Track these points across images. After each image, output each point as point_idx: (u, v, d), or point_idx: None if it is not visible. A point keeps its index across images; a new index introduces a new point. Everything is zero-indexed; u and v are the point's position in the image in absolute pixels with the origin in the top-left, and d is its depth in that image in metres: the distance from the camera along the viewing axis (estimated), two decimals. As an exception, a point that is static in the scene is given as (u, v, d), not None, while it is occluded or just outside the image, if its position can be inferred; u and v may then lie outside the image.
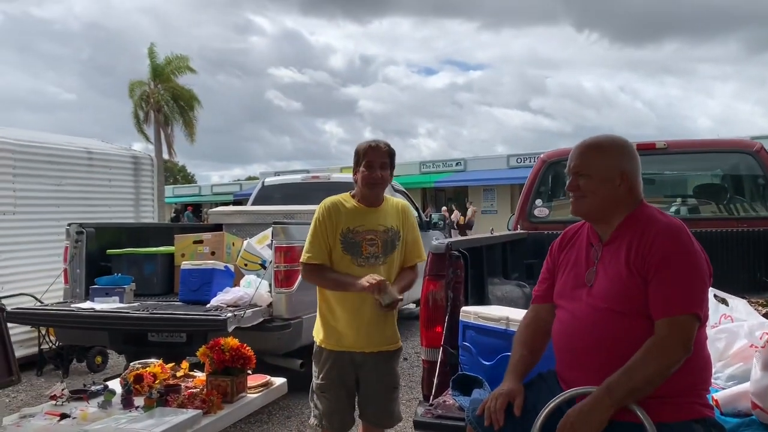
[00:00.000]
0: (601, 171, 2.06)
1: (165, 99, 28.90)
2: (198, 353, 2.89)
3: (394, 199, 3.23)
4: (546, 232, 4.95)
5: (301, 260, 3.03)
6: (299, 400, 5.26)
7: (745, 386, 2.17)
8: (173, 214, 36.86)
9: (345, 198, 3.11)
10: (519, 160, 30.53)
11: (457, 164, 33.66)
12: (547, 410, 1.94)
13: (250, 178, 48.20)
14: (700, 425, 1.87)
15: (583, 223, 2.20)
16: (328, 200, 3.10)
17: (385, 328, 2.98)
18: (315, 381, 3.05)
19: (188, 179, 65.74)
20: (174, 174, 64.02)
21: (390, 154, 3.07)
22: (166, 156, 30.21)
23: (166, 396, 2.69)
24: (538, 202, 5.30)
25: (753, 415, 2.08)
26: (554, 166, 5.54)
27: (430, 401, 2.55)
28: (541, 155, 5.53)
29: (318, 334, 3.03)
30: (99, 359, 6.64)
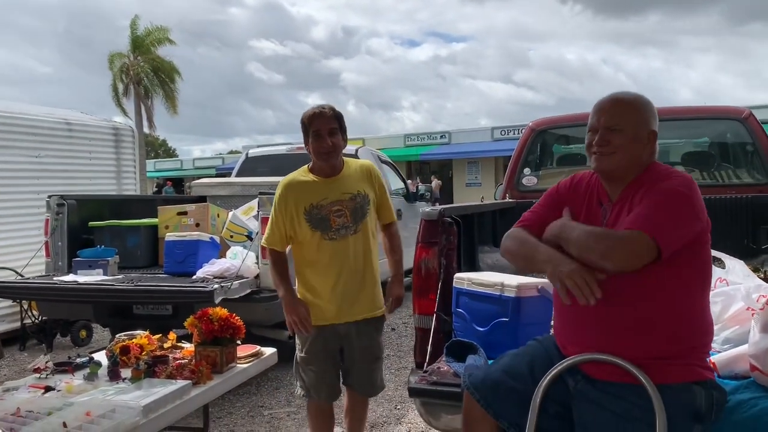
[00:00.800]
0: (634, 127, 2.00)
1: (145, 71, 28.37)
2: (186, 323, 2.82)
3: (356, 162, 3.13)
4: (534, 200, 4.90)
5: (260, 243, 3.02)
6: (287, 371, 5.17)
7: (743, 349, 2.15)
8: (155, 189, 36.49)
9: (302, 173, 3.01)
10: (503, 133, 30.47)
11: (441, 137, 33.53)
12: (551, 375, 1.91)
13: (232, 152, 47.75)
14: (700, 387, 1.85)
15: (593, 176, 2.14)
16: (285, 179, 3.02)
17: (365, 295, 2.95)
18: (299, 354, 3.02)
19: (170, 153, 65.00)
20: (155, 148, 63.22)
21: (337, 117, 2.95)
22: (146, 129, 29.77)
23: (153, 367, 2.63)
24: (527, 170, 5.27)
25: (751, 377, 2.06)
26: (543, 134, 5.50)
27: (424, 368, 2.51)
28: (529, 123, 5.47)
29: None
30: (84, 333, 6.55)
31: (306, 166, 3.05)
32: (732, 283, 2.51)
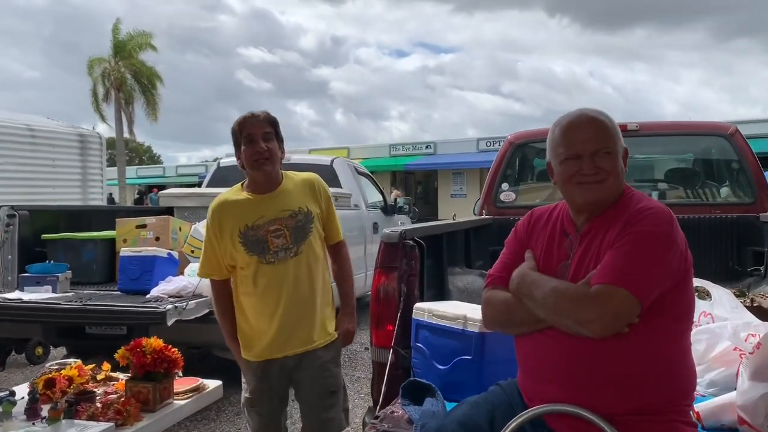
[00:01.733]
0: (618, 148, 1.77)
1: (126, 76, 27.98)
2: (116, 355, 2.55)
3: (298, 175, 2.79)
4: (512, 217, 4.70)
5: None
6: (250, 395, 4.95)
7: (730, 397, 1.92)
8: (136, 196, 36.05)
9: (234, 191, 2.69)
10: (489, 144, 30.36)
11: (426, 147, 33.38)
12: (510, 428, 1.66)
13: (216, 160, 47.33)
14: (681, 447, 1.61)
15: (554, 207, 1.90)
16: (215, 201, 2.70)
17: (310, 323, 2.60)
18: (243, 395, 2.70)
19: (154, 160, 64.42)
20: (139, 154, 62.65)
21: (271, 122, 2.63)
22: (127, 135, 29.36)
23: (76, 405, 2.35)
24: (505, 186, 5.05)
25: (739, 430, 1.83)
26: (522, 148, 5.29)
27: (377, 411, 2.26)
28: (508, 137, 5.26)
29: (243, 346, 2.66)
30: (40, 351, 6.20)
31: (240, 183, 2.73)
32: (718, 318, 2.28)
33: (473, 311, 2.31)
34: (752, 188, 4.48)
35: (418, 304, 2.48)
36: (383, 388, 2.37)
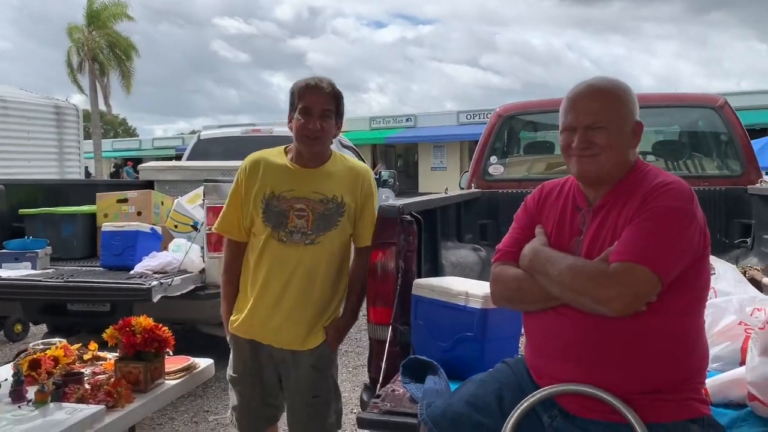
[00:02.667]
0: (619, 122, 1.69)
1: (100, 47, 27.24)
2: (105, 335, 2.45)
3: (347, 159, 2.57)
4: (501, 190, 4.66)
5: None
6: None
7: (739, 373, 1.89)
8: (113, 169, 35.45)
9: (276, 153, 2.50)
10: (469, 117, 30.27)
11: (407, 120, 33.19)
12: (521, 409, 1.62)
13: (193, 132, 46.61)
14: (696, 425, 1.58)
15: (566, 181, 1.84)
16: (252, 156, 2.51)
17: (306, 322, 2.42)
18: (228, 372, 2.58)
19: (129, 133, 63.33)
20: (114, 127, 61.51)
21: (336, 96, 2.41)
22: (103, 108, 28.72)
23: (64, 387, 2.26)
24: (493, 159, 4.99)
25: (748, 406, 1.80)
26: (510, 120, 5.22)
27: (377, 390, 2.20)
28: (497, 109, 5.18)
29: (233, 316, 2.53)
30: (19, 328, 6.08)
31: (284, 147, 2.52)
32: (721, 293, 2.26)
33: (475, 287, 2.26)
34: (741, 160, 4.48)
35: (417, 280, 2.42)
36: (383, 366, 2.31)
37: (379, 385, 2.25)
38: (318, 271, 2.41)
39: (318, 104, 2.37)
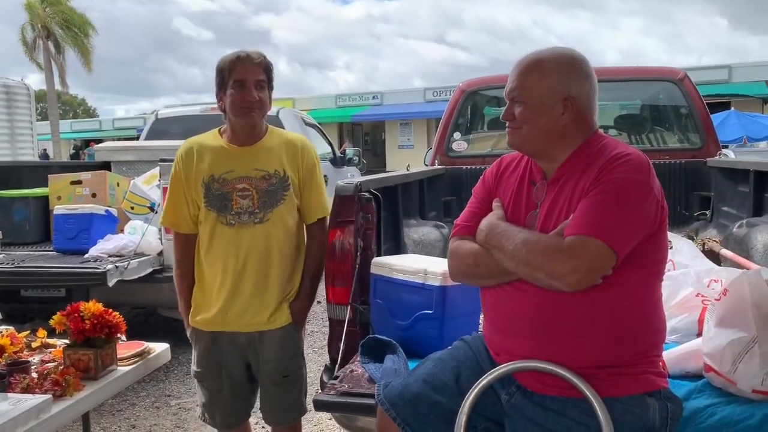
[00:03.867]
0: (539, 96, 1.65)
1: (56, 23, 26.35)
2: (52, 322, 2.36)
3: (284, 133, 2.51)
4: (464, 167, 4.63)
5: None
6: (200, 354, 4.82)
7: (695, 344, 1.90)
8: (72, 151, 34.55)
9: (211, 136, 2.42)
10: (435, 94, 30.16)
11: (373, 98, 32.95)
12: (479, 387, 1.59)
13: (155, 112, 45.68)
14: (653, 398, 1.57)
15: (523, 155, 1.80)
16: (186, 143, 2.43)
17: (266, 302, 2.35)
18: (192, 368, 2.51)
19: (90, 113, 61.72)
20: (73, 108, 59.91)
21: (267, 68, 2.33)
22: (59, 87, 27.87)
23: (8, 377, 2.17)
24: (457, 135, 4.96)
25: (704, 377, 1.81)
26: (473, 95, 5.18)
27: (336, 370, 2.16)
28: (460, 84, 5.14)
29: (192, 309, 2.45)
30: (-29, 315, 5.89)
31: (217, 129, 2.45)
32: (679, 265, 2.26)
33: (433, 264, 2.23)
34: (700, 133, 4.52)
35: (376, 259, 2.37)
36: (341, 346, 2.27)
37: (337, 365, 2.21)
38: (272, 248, 2.34)
39: (251, 75, 2.28)
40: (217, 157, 2.34)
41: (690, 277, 2.09)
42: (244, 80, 2.27)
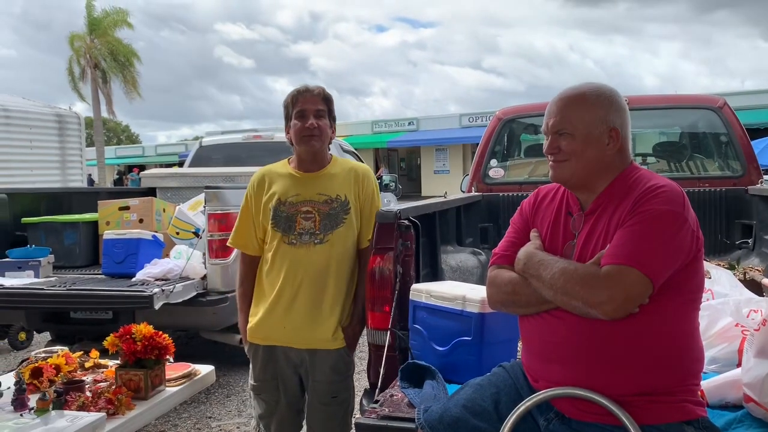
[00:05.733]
0: (586, 128, 1.70)
1: (103, 54, 27.35)
2: (105, 343, 2.47)
3: (347, 161, 2.72)
4: (501, 194, 4.67)
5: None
6: (240, 376, 4.92)
7: (735, 374, 1.89)
8: (116, 176, 35.55)
9: (280, 165, 2.64)
10: (471, 119, 30.28)
11: (409, 124, 33.21)
12: (518, 413, 1.62)
13: (196, 138, 46.66)
14: (692, 427, 1.58)
15: (560, 186, 1.85)
16: (258, 172, 2.65)
17: (320, 321, 2.48)
18: (249, 381, 2.65)
19: (132, 140, 63.47)
20: (117, 134, 61.69)
21: (326, 99, 2.55)
22: (105, 115, 28.78)
23: (65, 395, 2.28)
24: (493, 162, 5.00)
25: (744, 407, 1.81)
26: (510, 123, 5.23)
27: (376, 395, 2.21)
28: (497, 112, 5.20)
29: (249, 325, 2.59)
30: (23, 336, 6.10)
31: (287, 159, 2.66)
32: (718, 295, 2.26)
33: (472, 291, 2.27)
34: (741, 161, 4.47)
35: (415, 285, 2.43)
36: (381, 371, 2.32)
37: (378, 389, 2.26)
38: (329, 268, 2.49)
39: (311, 105, 2.50)
40: (285, 182, 2.54)
41: (729, 307, 2.09)
42: (305, 110, 2.49)
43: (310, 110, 2.49)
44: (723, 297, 2.24)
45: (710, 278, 2.38)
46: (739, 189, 4.31)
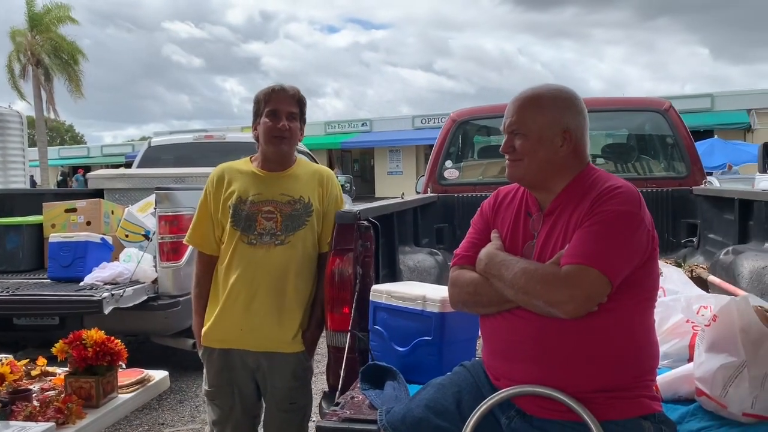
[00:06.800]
0: (540, 129, 1.73)
1: (45, 50, 26.43)
2: (54, 350, 2.37)
3: (311, 164, 2.67)
4: (456, 194, 4.71)
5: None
6: (192, 381, 4.81)
7: (687, 369, 1.95)
8: (59, 178, 34.41)
9: (242, 163, 2.58)
10: (424, 121, 30.47)
11: (362, 125, 33.21)
12: (480, 412, 1.63)
13: (144, 138, 45.49)
14: (648, 421, 1.62)
15: (519, 186, 1.88)
16: (220, 167, 2.58)
17: (280, 323, 2.44)
18: (203, 386, 2.58)
19: (77, 140, 61.58)
20: (61, 134, 59.75)
21: (299, 101, 2.51)
22: (47, 114, 27.82)
23: (11, 405, 2.18)
24: (448, 163, 5.05)
25: (696, 401, 1.86)
26: (464, 125, 5.29)
27: (337, 397, 2.19)
28: (451, 114, 5.25)
29: (204, 327, 2.52)
30: (-39, 344, 5.83)
31: (249, 156, 2.60)
32: (670, 292, 2.33)
33: (432, 291, 2.27)
34: (686, 162, 4.63)
35: (375, 286, 2.42)
36: (342, 373, 2.30)
37: (338, 392, 2.24)
38: (289, 270, 2.44)
39: (284, 106, 2.45)
40: (246, 180, 2.48)
41: (680, 304, 2.16)
42: (277, 110, 2.43)
43: (283, 111, 2.44)
44: (674, 294, 2.31)
45: (662, 276, 2.43)
46: (684, 189, 4.46)
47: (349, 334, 2.37)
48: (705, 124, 22.06)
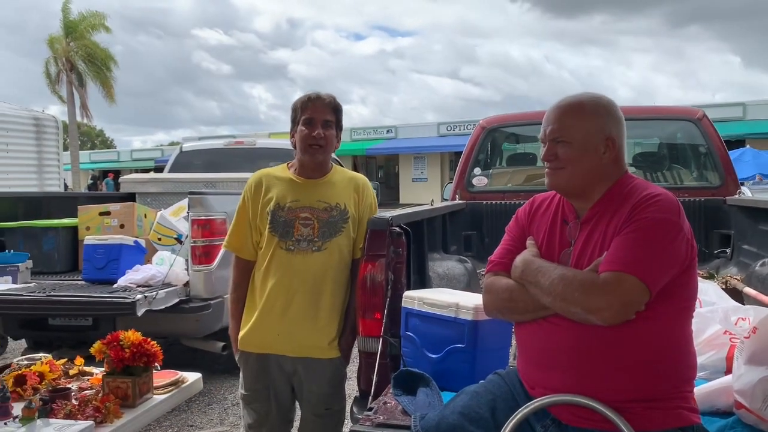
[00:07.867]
0: (583, 137, 1.72)
1: (80, 57, 27.00)
2: (92, 350, 2.42)
3: (347, 171, 2.70)
4: (484, 202, 4.70)
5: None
6: (221, 383, 4.87)
7: (725, 381, 1.92)
8: (90, 181, 35.04)
9: (279, 170, 2.61)
10: (449, 128, 30.45)
11: (388, 131, 33.28)
12: (515, 420, 1.63)
13: (173, 144, 46.20)
14: (686, 433, 1.60)
15: (555, 194, 1.87)
16: (258, 173, 2.61)
17: (316, 329, 2.46)
18: (240, 390, 2.61)
19: (107, 144, 62.68)
20: (91, 139, 60.89)
21: (335, 109, 2.52)
22: (80, 119, 28.40)
23: (51, 403, 2.23)
24: (477, 170, 5.04)
25: (735, 414, 1.84)
26: (493, 132, 5.28)
27: (369, 402, 2.20)
28: (481, 121, 5.24)
29: (241, 332, 2.55)
30: (-4, 343, 5.97)
31: (286, 163, 2.63)
32: (706, 303, 2.29)
33: (465, 298, 2.28)
34: (719, 172, 4.56)
35: (407, 292, 2.43)
36: (374, 378, 2.31)
37: (370, 397, 2.25)
38: (326, 276, 2.47)
39: (320, 114, 2.47)
40: (284, 187, 2.51)
41: (717, 315, 2.13)
42: (313, 118, 2.46)
43: (319, 119, 2.46)
44: (710, 305, 2.28)
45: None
46: (717, 199, 4.40)
47: (381, 339, 2.38)
48: (737, 134, 21.69)
